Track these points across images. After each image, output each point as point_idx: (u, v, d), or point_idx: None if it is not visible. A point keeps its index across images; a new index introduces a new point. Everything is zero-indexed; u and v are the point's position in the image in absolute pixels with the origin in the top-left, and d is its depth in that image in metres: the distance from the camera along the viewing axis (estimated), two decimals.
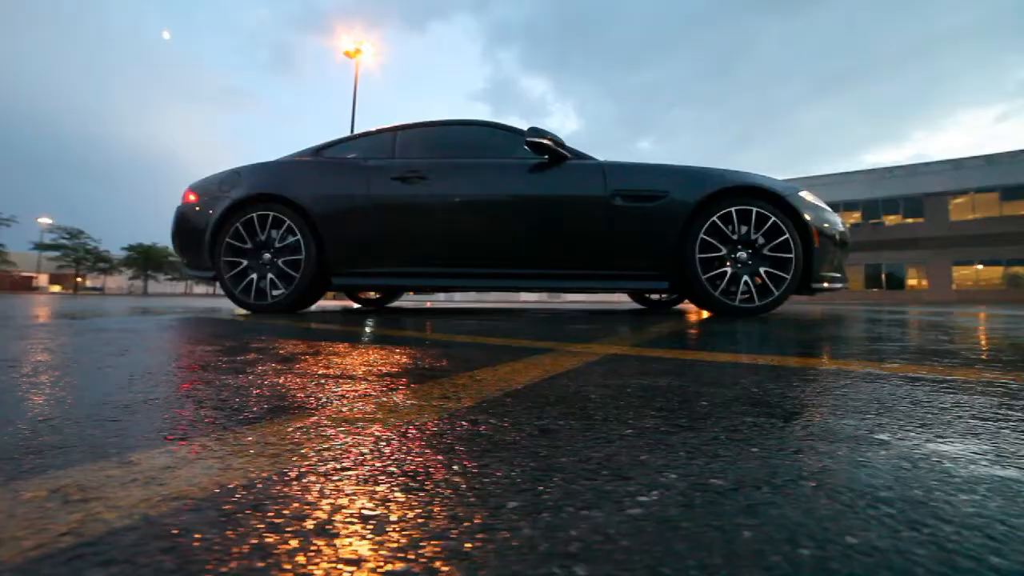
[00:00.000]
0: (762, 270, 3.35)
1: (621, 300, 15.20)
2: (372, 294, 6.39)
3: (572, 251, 3.48)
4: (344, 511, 0.39)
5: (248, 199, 3.75)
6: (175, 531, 0.35)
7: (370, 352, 1.39)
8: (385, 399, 0.79)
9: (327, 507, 0.40)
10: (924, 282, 29.22)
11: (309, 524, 0.37)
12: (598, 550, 0.32)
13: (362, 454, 0.53)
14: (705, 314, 3.71)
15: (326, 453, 0.53)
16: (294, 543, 0.33)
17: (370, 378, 0.99)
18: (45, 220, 52.50)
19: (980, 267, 28.12)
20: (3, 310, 4.11)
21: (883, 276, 30.20)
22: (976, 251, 27.52)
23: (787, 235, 3.33)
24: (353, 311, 4.32)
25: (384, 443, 0.57)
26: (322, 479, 0.46)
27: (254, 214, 3.72)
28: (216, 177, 4.10)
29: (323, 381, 0.95)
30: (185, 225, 4.00)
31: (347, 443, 0.57)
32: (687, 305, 6.33)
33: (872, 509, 0.39)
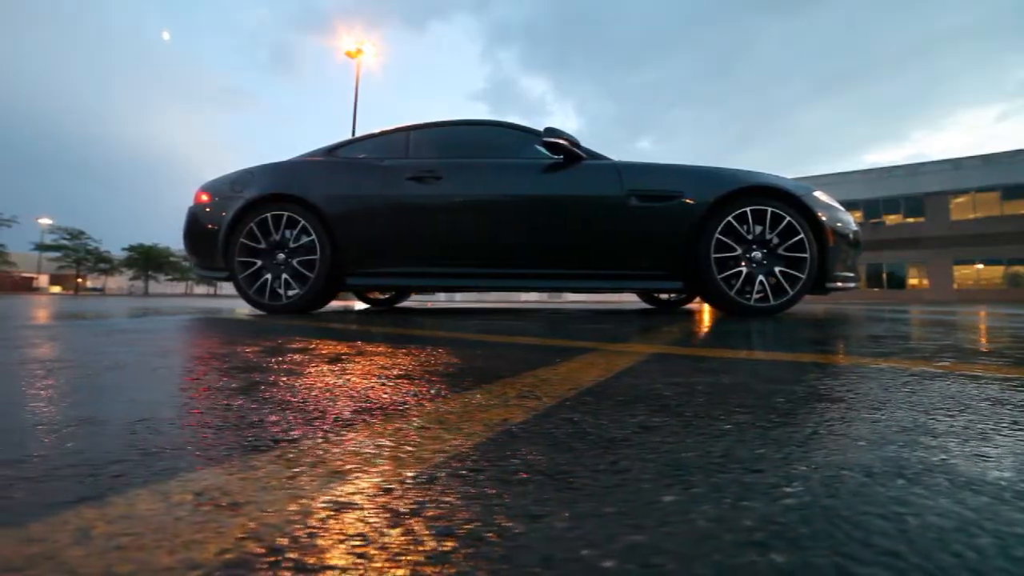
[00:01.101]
0: (777, 270, 3.36)
1: (622, 300, 15.22)
2: (380, 294, 6.39)
3: (588, 251, 3.49)
4: (509, 513, 0.39)
5: (262, 199, 3.74)
6: (324, 541, 0.35)
7: (415, 352, 1.40)
8: (465, 399, 0.80)
9: (481, 509, 0.40)
10: (925, 281, 29.28)
11: (488, 532, 0.36)
12: (780, 538, 0.33)
13: (486, 454, 0.54)
14: (713, 313, 3.72)
15: (446, 454, 0.54)
16: (469, 549, 0.33)
17: (433, 378, 0.99)
18: (45, 221, 52.43)
19: (981, 266, 28.18)
20: (15, 311, 4.10)
21: (884, 276, 30.26)
22: (977, 250, 27.58)
23: (802, 235, 3.33)
24: (365, 311, 4.32)
25: (499, 444, 0.57)
26: (461, 481, 0.46)
27: (268, 214, 3.71)
28: (229, 177, 4.09)
29: (388, 382, 0.95)
30: (198, 225, 3.97)
31: (461, 444, 0.57)
32: (694, 305, 6.33)
33: (1022, 501, 0.40)
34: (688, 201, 3.39)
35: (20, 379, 0.97)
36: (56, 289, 64.84)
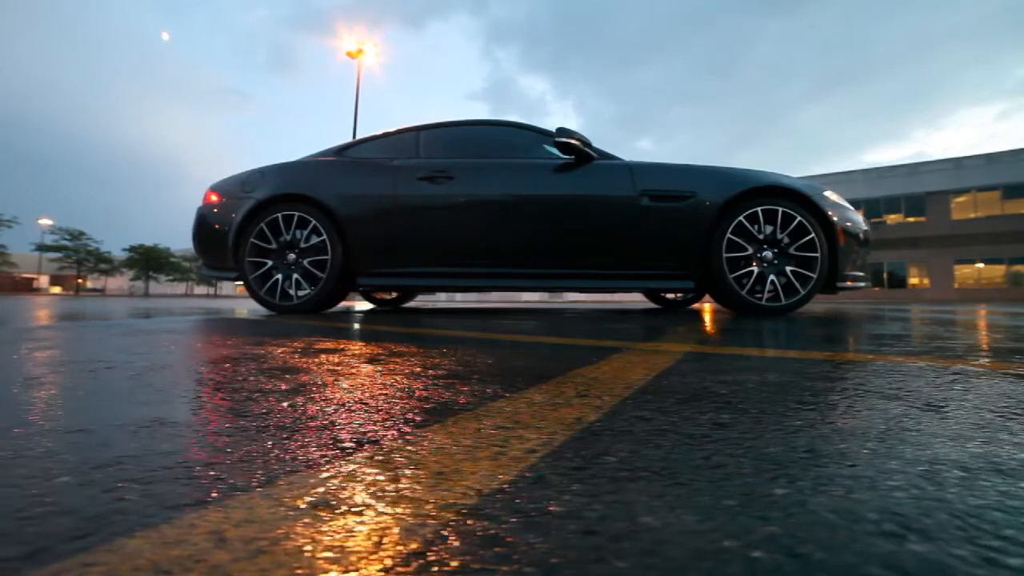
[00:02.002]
0: (788, 269, 3.36)
1: (624, 300, 15.23)
2: (385, 294, 6.39)
3: (600, 251, 3.49)
4: (633, 508, 0.40)
5: (273, 199, 3.74)
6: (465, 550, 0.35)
7: (448, 352, 1.41)
8: (527, 399, 0.80)
9: (604, 505, 0.41)
10: (926, 281, 29.30)
11: (626, 527, 0.37)
12: (910, 529, 0.34)
13: (579, 453, 0.54)
14: (724, 313, 3.73)
15: (539, 453, 0.54)
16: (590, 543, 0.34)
17: (484, 378, 1.00)
18: (46, 221, 52.39)
19: (981, 265, 28.21)
20: (27, 312, 4.10)
21: (885, 275, 30.28)
22: (978, 250, 27.61)
23: (813, 234, 3.34)
24: (374, 312, 4.32)
25: (586, 442, 0.58)
26: (570, 479, 0.47)
27: (279, 214, 3.70)
28: (239, 177, 4.08)
29: (438, 382, 0.95)
30: (207, 225, 3.96)
31: (549, 443, 0.58)
32: (698, 305, 6.34)
33: None
34: (700, 201, 3.40)
35: (71, 380, 0.97)
36: (56, 290, 64.76)
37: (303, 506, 0.39)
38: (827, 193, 3.52)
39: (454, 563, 0.31)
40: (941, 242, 28.11)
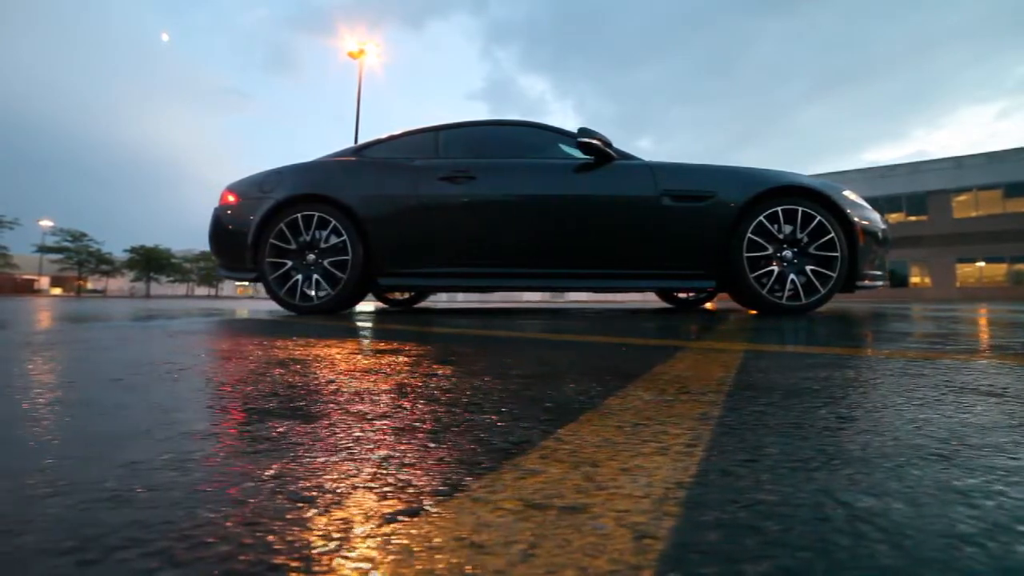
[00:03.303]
0: (808, 268, 3.37)
1: (631, 299, 15.24)
2: (399, 295, 6.39)
3: (621, 251, 3.50)
4: (836, 495, 0.40)
5: (292, 199, 3.73)
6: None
7: (507, 352, 1.42)
8: (634, 395, 0.81)
9: (809, 494, 0.42)
10: (927, 280, 29.31)
11: (840, 511, 0.37)
12: None
13: (736, 447, 0.55)
14: (742, 312, 3.74)
15: (698, 447, 0.55)
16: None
17: (576, 377, 1.01)
18: (46, 223, 52.34)
19: (983, 264, 28.22)
20: (46, 314, 4.11)
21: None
22: (979, 248, 27.62)
23: (832, 234, 3.36)
24: (392, 312, 4.33)
25: (732, 436, 0.59)
26: (749, 469, 0.48)
27: (299, 215, 3.70)
28: (256, 177, 4.08)
29: (534, 382, 0.96)
30: (224, 226, 3.95)
31: (697, 438, 0.59)
32: (713, 304, 6.35)
33: None
34: (721, 201, 3.42)
35: (160, 383, 0.98)
36: (57, 291, 64.69)
37: (518, 507, 0.39)
38: (846, 192, 3.53)
39: (730, 553, 0.32)
40: (943, 241, 28.12)
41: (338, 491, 0.43)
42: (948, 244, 28.13)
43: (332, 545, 0.33)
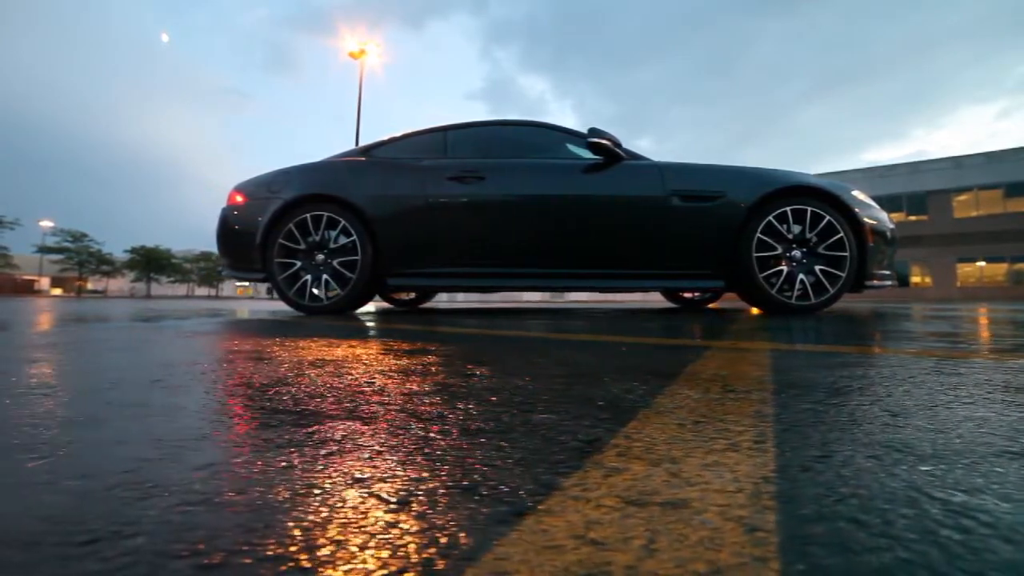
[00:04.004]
0: (817, 268, 3.38)
1: (633, 299, 15.25)
2: (404, 294, 6.40)
3: (630, 250, 3.51)
4: (933, 489, 0.41)
5: (301, 199, 3.72)
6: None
7: (545, 353, 1.42)
8: (680, 393, 0.82)
9: (901, 487, 0.43)
10: (928, 279, 29.34)
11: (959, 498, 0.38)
12: None
13: (803, 442, 0.56)
14: (749, 311, 3.75)
15: (767, 443, 0.56)
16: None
17: (615, 376, 1.01)
18: (46, 223, 52.26)
19: (983, 264, 28.25)
20: (55, 316, 4.10)
21: None
22: (980, 248, 27.65)
23: (841, 234, 3.36)
24: (398, 312, 4.33)
25: (798, 433, 0.60)
26: (827, 464, 0.48)
27: (308, 215, 3.69)
28: (264, 178, 4.07)
29: (576, 381, 0.97)
30: (232, 226, 3.94)
31: (760, 434, 0.60)
32: (714, 305, 6.36)
33: None
34: (730, 201, 3.42)
35: (212, 386, 0.99)
36: (57, 291, 64.56)
37: (619, 504, 0.40)
38: (855, 192, 3.54)
39: (845, 544, 0.32)
40: (943, 241, 28.15)
41: (433, 493, 0.43)
42: (948, 244, 28.15)
43: (458, 550, 0.33)
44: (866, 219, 3.41)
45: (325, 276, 3.68)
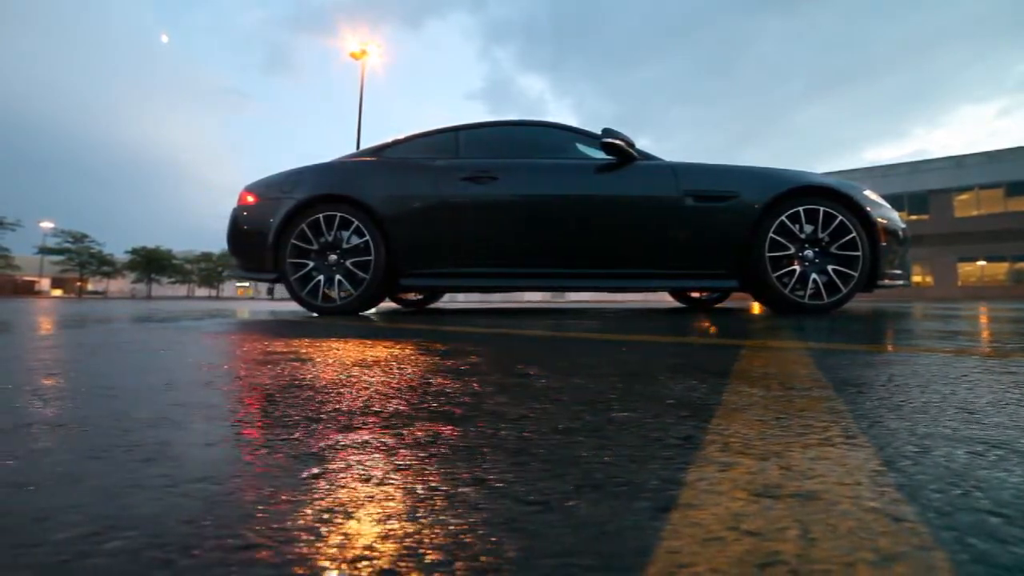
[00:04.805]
0: (830, 268, 3.39)
1: (632, 299, 15.26)
2: (411, 295, 6.39)
3: (644, 251, 3.52)
4: None
5: (313, 200, 3.72)
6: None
7: (588, 353, 1.43)
8: (741, 391, 0.83)
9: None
10: (928, 279, 29.37)
11: None
12: None
13: (895, 436, 0.57)
14: (761, 310, 3.75)
15: (858, 438, 0.57)
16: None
17: (671, 375, 1.02)
18: (47, 224, 52.17)
19: (983, 263, 28.29)
20: (69, 317, 4.10)
21: None
22: (981, 247, 27.68)
23: (854, 233, 3.37)
24: (414, 312, 4.34)
25: (889, 430, 0.60)
26: (928, 455, 0.49)
27: (320, 215, 3.68)
28: (276, 178, 4.07)
29: (629, 381, 0.98)
30: (243, 227, 3.93)
31: (845, 429, 0.61)
32: (724, 304, 6.36)
33: None
34: (743, 201, 3.43)
35: (268, 388, 0.99)
36: (57, 292, 64.46)
37: (751, 496, 0.40)
38: (867, 192, 3.55)
39: (1005, 535, 0.33)
40: (944, 240, 28.19)
41: (566, 493, 0.43)
42: (949, 243, 28.19)
43: (628, 545, 0.33)
44: (878, 218, 3.42)
45: (338, 276, 3.68)
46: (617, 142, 3.46)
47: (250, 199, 3.99)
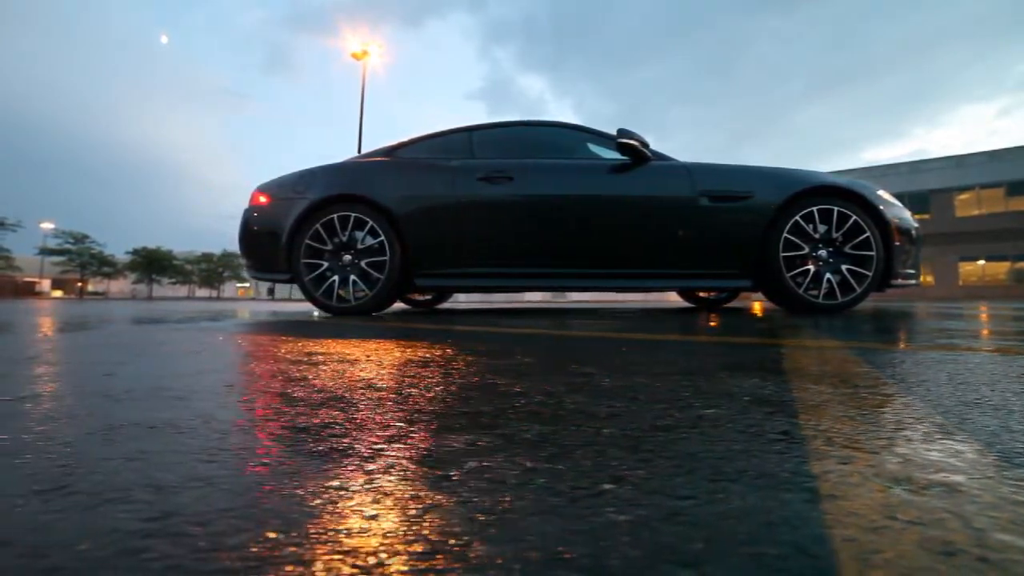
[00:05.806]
0: (843, 268, 3.40)
1: (637, 299, 15.25)
2: (420, 295, 6.39)
3: (659, 251, 3.52)
4: None
5: (327, 200, 3.71)
6: None
7: (624, 351, 1.44)
8: (806, 388, 0.84)
9: None
10: (929, 278, 29.39)
11: None
12: None
13: (982, 429, 0.58)
14: (774, 309, 3.75)
15: (954, 434, 0.57)
16: None
17: (728, 373, 1.03)
18: (47, 225, 52.09)
19: (984, 263, 28.32)
20: (80, 319, 4.10)
21: None
22: (982, 247, 27.71)
23: (868, 233, 3.39)
24: (427, 312, 4.34)
25: (968, 422, 0.61)
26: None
27: (335, 215, 3.67)
28: (288, 178, 4.06)
29: (691, 379, 0.99)
30: (256, 227, 3.92)
31: (933, 424, 0.62)
32: (732, 304, 6.37)
33: None
34: (758, 201, 3.45)
35: (324, 390, 1.00)
36: (58, 293, 64.32)
37: (887, 485, 0.41)
38: (880, 192, 3.56)
39: None
40: (945, 239, 28.21)
41: (712, 488, 0.43)
42: (950, 243, 28.21)
43: (805, 535, 0.33)
44: (892, 218, 3.44)
45: (353, 276, 3.67)
46: (632, 142, 3.47)
47: (263, 199, 3.97)
